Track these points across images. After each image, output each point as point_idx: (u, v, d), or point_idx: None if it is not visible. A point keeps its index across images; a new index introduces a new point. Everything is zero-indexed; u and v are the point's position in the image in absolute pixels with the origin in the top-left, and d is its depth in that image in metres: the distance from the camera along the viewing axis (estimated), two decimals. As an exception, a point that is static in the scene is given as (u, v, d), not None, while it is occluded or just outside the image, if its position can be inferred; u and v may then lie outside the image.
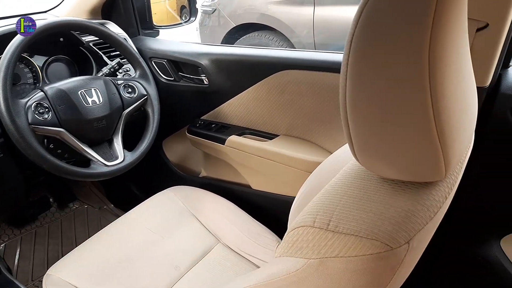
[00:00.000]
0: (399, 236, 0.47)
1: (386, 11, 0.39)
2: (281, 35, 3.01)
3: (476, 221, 1.12)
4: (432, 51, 0.38)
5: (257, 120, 1.37)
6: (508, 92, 0.90)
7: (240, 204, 1.27)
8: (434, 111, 0.41)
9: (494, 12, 0.73)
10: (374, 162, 0.50)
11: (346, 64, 0.43)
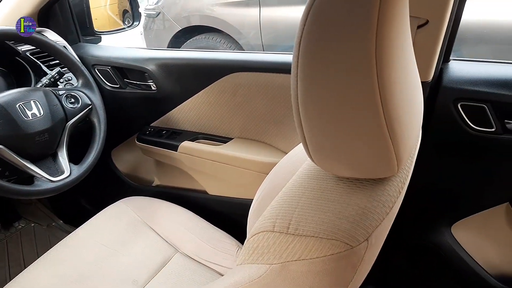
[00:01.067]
0: (358, 234, 0.47)
1: (332, 11, 0.39)
2: (229, 36, 3.00)
3: (428, 210, 1.16)
4: (379, 49, 0.38)
5: (209, 124, 1.35)
6: (449, 85, 0.95)
7: (197, 211, 1.24)
8: (383, 108, 0.41)
9: (434, 9, 0.76)
10: (329, 162, 0.50)
11: (296, 66, 0.43)
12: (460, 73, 0.95)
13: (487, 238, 1.13)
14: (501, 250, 1.13)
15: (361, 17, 0.38)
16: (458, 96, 0.94)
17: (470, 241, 1.15)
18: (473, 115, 0.95)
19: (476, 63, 1.01)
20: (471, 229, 1.13)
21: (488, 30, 2.20)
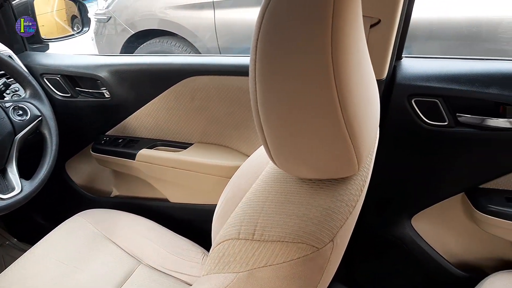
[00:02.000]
0: (323, 236, 0.47)
1: (286, 13, 0.39)
2: (184, 40, 2.96)
3: (388, 204, 1.19)
4: (335, 49, 0.38)
5: (168, 130, 1.32)
6: (403, 82, 0.97)
7: (159, 220, 1.21)
8: (342, 108, 0.41)
9: (385, 8, 0.78)
10: (291, 164, 0.50)
11: (254, 69, 0.43)
12: (412, 70, 0.98)
13: (446, 228, 1.17)
14: (459, 238, 1.17)
15: (315, 18, 0.38)
16: (411, 92, 0.97)
17: (429, 232, 1.19)
18: (426, 110, 0.98)
19: (427, 59, 1.04)
20: (430, 220, 1.17)
21: (436, 27, 2.30)
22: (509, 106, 0.92)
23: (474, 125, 0.96)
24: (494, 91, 0.91)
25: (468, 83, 0.93)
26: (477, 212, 1.04)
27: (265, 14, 0.40)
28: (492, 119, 0.94)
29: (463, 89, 0.93)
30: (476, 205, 1.05)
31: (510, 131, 0.93)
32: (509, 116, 0.93)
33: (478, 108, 0.95)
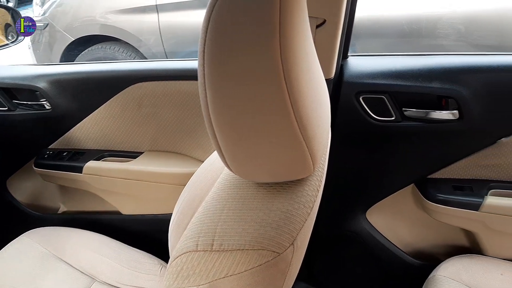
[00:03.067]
0: (283, 240, 0.47)
1: (233, 17, 0.38)
2: (128, 45, 2.87)
3: (343, 200, 1.21)
4: (284, 51, 0.38)
5: (115, 140, 1.27)
6: (350, 80, 0.99)
7: (112, 234, 1.16)
8: (294, 110, 0.41)
9: (330, 9, 0.78)
10: (247, 169, 0.49)
11: (203, 75, 0.41)
12: (358, 68, 1.00)
13: (399, 219, 1.21)
14: (411, 228, 1.22)
15: (262, 20, 0.37)
16: (359, 90, 0.99)
17: (384, 224, 1.23)
18: (374, 106, 1.00)
19: (372, 57, 1.07)
20: (383, 212, 1.21)
21: (379, 25, 2.38)
22: (451, 99, 0.96)
23: (420, 118, 0.99)
24: (436, 85, 0.95)
25: (412, 79, 0.96)
26: (427, 202, 1.09)
27: (210, 18, 0.39)
28: (436, 111, 0.98)
29: (407, 84, 0.96)
30: (426, 195, 1.09)
31: (452, 122, 0.98)
32: (451, 108, 0.97)
33: (423, 102, 0.99)
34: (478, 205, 1.03)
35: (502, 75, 0.94)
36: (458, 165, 1.07)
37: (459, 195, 1.06)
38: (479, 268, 1.03)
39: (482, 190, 1.06)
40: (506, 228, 1.05)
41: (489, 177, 1.07)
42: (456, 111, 0.96)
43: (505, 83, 0.94)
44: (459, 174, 1.08)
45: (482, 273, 1.01)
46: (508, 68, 0.94)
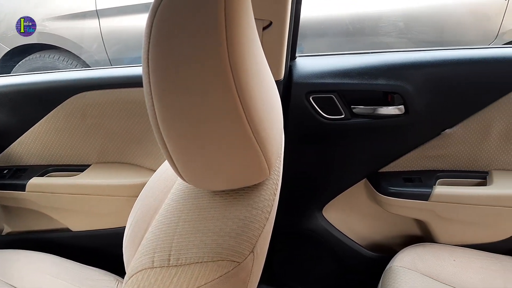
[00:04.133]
0: (243, 248, 0.46)
1: (176, 22, 0.36)
2: (68, 52, 2.75)
3: (299, 199, 1.22)
4: (232, 56, 0.37)
5: (60, 154, 1.20)
6: (300, 81, 1.00)
7: (63, 252, 1.10)
8: (246, 115, 0.40)
9: (275, 10, 0.78)
10: (201, 178, 0.48)
11: (149, 83, 0.39)
12: (307, 69, 1.01)
13: (354, 214, 1.24)
14: (367, 222, 1.25)
15: (208, 25, 0.36)
16: (308, 90, 1.00)
17: (340, 220, 1.25)
18: (324, 105, 1.01)
19: (319, 57, 1.08)
20: (339, 208, 1.23)
21: (324, 25, 2.44)
22: (396, 94, 0.99)
23: (368, 115, 1.02)
24: (381, 82, 0.98)
25: (358, 77, 0.98)
26: (379, 195, 1.12)
27: (153, 23, 0.37)
28: (383, 107, 1.01)
29: (354, 82, 0.98)
30: (378, 188, 1.12)
31: (399, 117, 1.01)
32: (397, 103, 1.00)
33: (370, 99, 1.02)
34: (428, 195, 1.07)
35: (442, 69, 0.98)
36: (407, 158, 1.10)
37: (409, 187, 1.10)
38: (433, 256, 1.07)
39: (430, 180, 1.10)
40: (454, 215, 1.10)
41: (436, 167, 1.11)
42: (401, 106, 1.00)
43: (445, 77, 0.99)
44: (408, 166, 1.12)
45: (435, 261, 1.05)
46: (448, 62, 0.98)
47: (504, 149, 1.05)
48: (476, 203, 1.07)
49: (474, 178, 1.10)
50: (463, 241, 1.17)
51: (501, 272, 1.05)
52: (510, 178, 1.06)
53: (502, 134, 1.02)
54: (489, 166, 1.08)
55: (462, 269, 1.04)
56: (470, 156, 1.08)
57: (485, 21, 2.45)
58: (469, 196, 1.06)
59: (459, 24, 2.45)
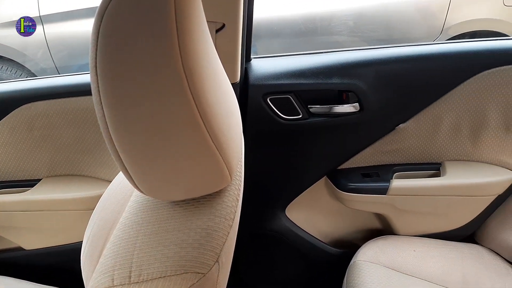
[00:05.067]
0: (207, 259, 0.45)
1: (125, 29, 0.35)
2: (11, 61, 2.61)
3: (261, 201, 1.21)
4: (185, 61, 0.36)
5: (7, 170, 1.13)
6: (256, 82, 0.99)
7: (17, 273, 1.05)
8: (204, 121, 0.39)
9: (228, 13, 0.77)
10: (160, 189, 0.46)
11: (98, 92, 0.37)
12: (263, 70, 1.01)
13: (316, 212, 1.25)
14: (329, 219, 1.26)
15: (158, 31, 0.34)
16: (265, 91, 0.99)
17: (303, 219, 1.26)
18: (281, 106, 1.01)
19: (275, 58, 1.08)
20: (302, 207, 1.23)
21: (277, 25, 2.45)
22: (351, 92, 1.01)
23: (325, 114, 1.03)
24: (336, 81, 0.99)
25: (313, 76, 0.99)
26: (339, 192, 1.13)
27: (100, 30, 0.35)
28: (338, 106, 1.02)
29: (310, 82, 0.99)
30: (338, 185, 1.14)
31: (354, 115, 1.03)
32: (352, 101, 1.02)
33: (326, 98, 1.03)
34: (386, 189, 1.10)
35: (392, 66, 1.01)
36: (364, 154, 1.13)
37: (367, 182, 1.12)
38: (394, 248, 1.09)
39: (387, 174, 1.13)
40: (412, 207, 1.13)
41: (392, 161, 1.14)
42: (356, 103, 1.02)
43: (395, 74, 1.01)
44: (366, 162, 1.15)
45: (397, 252, 1.08)
46: (397, 59, 1.01)
47: (454, 141, 1.09)
48: (431, 194, 1.11)
49: (428, 170, 1.14)
50: (422, 231, 1.21)
51: (459, 259, 1.09)
52: (461, 168, 1.11)
53: (452, 127, 1.06)
54: (441, 157, 1.12)
55: (422, 259, 1.07)
56: (424, 149, 1.11)
57: (430, 17, 2.56)
58: (424, 187, 1.10)
59: (406, 21, 2.55)
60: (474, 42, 1.03)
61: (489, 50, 0.99)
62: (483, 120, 1.05)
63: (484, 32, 2.55)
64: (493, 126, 1.05)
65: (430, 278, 1.03)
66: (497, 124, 1.05)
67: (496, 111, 1.03)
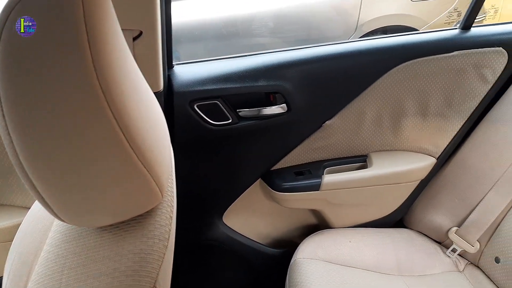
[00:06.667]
0: (144, 285, 0.42)
1: (29, 46, 0.31)
2: None
3: (197, 212, 1.18)
4: (101, 76, 0.33)
5: None
6: (181, 90, 0.96)
7: None
8: (127, 138, 0.36)
9: (144, 19, 0.73)
10: (83, 216, 0.42)
11: (2, 116, 0.32)
12: (187, 77, 0.98)
13: (254, 215, 1.25)
14: (266, 220, 1.26)
15: (68, 45, 0.31)
16: (191, 98, 0.97)
17: (241, 223, 1.24)
18: (210, 112, 0.99)
19: (198, 63, 1.05)
20: (239, 212, 1.22)
21: (198, 30, 2.41)
22: (278, 94, 1.02)
23: (254, 117, 1.02)
24: (262, 83, 0.99)
25: (240, 80, 0.98)
26: (274, 192, 1.14)
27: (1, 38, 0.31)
28: (267, 108, 1.02)
29: (236, 86, 0.98)
30: (272, 186, 1.14)
31: (283, 115, 1.04)
32: (279, 102, 1.03)
33: (254, 101, 1.02)
34: (318, 185, 1.12)
35: (314, 66, 1.03)
36: (296, 152, 1.14)
37: (300, 180, 1.13)
38: (331, 241, 1.12)
39: (319, 170, 1.15)
40: (343, 200, 1.17)
41: (323, 157, 1.17)
42: (284, 104, 1.02)
43: (317, 72, 1.03)
44: (298, 160, 1.16)
45: (334, 245, 1.11)
46: (319, 58, 1.03)
47: (377, 133, 1.14)
48: (360, 186, 1.15)
49: (356, 163, 1.18)
50: (356, 222, 1.25)
51: (391, 244, 1.14)
52: (385, 158, 1.16)
53: (374, 119, 1.11)
54: (367, 149, 1.17)
55: (358, 249, 1.11)
56: (350, 143, 1.15)
57: (345, 15, 2.67)
58: (353, 180, 1.14)
59: (323, 20, 2.64)
60: (388, 38, 1.08)
61: (402, 45, 1.05)
62: (402, 111, 1.11)
63: (394, 27, 2.71)
64: (411, 116, 1.12)
65: (366, 267, 1.07)
66: (414, 113, 1.12)
67: (413, 101, 1.10)
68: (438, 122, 1.13)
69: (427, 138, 1.15)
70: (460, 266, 1.11)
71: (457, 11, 2.72)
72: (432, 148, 1.17)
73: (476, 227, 1.08)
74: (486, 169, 1.07)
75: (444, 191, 1.17)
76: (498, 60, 1.06)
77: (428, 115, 1.12)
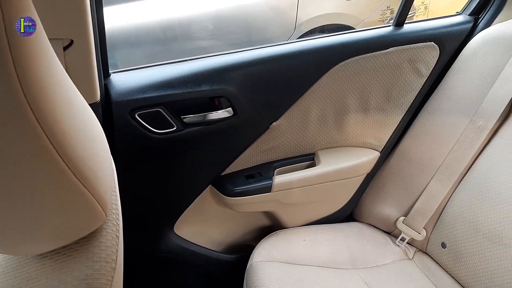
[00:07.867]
0: None
1: None
2: None
3: (146, 225, 1.14)
4: (27, 91, 0.30)
5: None
6: (119, 99, 0.91)
7: None
8: (61, 156, 0.33)
9: (74, 27, 0.68)
10: (19, 244, 0.39)
11: None
12: (126, 85, 0.94)
13: (206, 223, 1.22)
14: (220, 227, 1.24)
15: None
16: (132, 107, 0.92)
17: (194, 233, 1.22)
18: (152, 120, 0.96)
19: (137, 70, 1.01)
20: (190, 221, 1.19)
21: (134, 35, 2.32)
22: (222, 98, 1.00)
23: (199, 122, 1.00)
24: (206, 88, 0.97)
25: (182, 86, 0.95)
26: (226, 198, 1.12)
27: None
28: (212, 113, 1.00)
29: (179, 92, 0.95)
30: (223, 191, 1.12)
31: (229, 119, 1.02)
32: (225, 106, 1.01)
33: (199, 106, 1.00)
34: (270, 186, 1.12)
35: (257, 68, 1.03)
36: (245, 156, 1.13)
37: (252, 183, 1.13)
38: (286, 241, 1.12)
39: (269, 172, 1.15)
40: (295, 199, 1.18)
41: (272, 159, 1.17)
42: (229, 108, 1.01)
43: (262, 74, 1.03)
44: (248, 163, 1.15)
45: (289, 245, 1.11)
46: (262, 60, 1.03)
47: (322, 130, 1.16)
48: (310, 184, 1.16)
49: (304, 162, 1.19)
50: (309, 220, 1.27)
51: (344, 239, 1.17)
52: (332, 155, 1.18)
53: (319, 118, 1.13)
54: (314, 147, 1.19)
55: (312, 246, 1.12)
56: (298, 142, 1.16)
57: (283, 15, 2.71)
58: (303, 179, 1.14)
59: (262, 21, 2.65)
60: (327, 37, 1.10)
61: (341, 44, 1.07)
62: (344, 108, 1.13)
63: (331, 26, 2.79)
64: (353, 112, 1.15)
65: (322, 263, 1.08)
66: (356, 110, 1.14)
67: (354, 98, 1.12)
68: (379, 116, 1.17)
69: (369, 132, 1.19)
70: (410, 254, 1.16)
71: (389, 9, 2.85)
72: (375, 142, 1.20)
73: (421, 215, 1.12)
74: (427, 158, 1.12)
75: (390, 183, 1.21)
76: (431, 54, 1.11)
77: (369, 110, 1.15)
